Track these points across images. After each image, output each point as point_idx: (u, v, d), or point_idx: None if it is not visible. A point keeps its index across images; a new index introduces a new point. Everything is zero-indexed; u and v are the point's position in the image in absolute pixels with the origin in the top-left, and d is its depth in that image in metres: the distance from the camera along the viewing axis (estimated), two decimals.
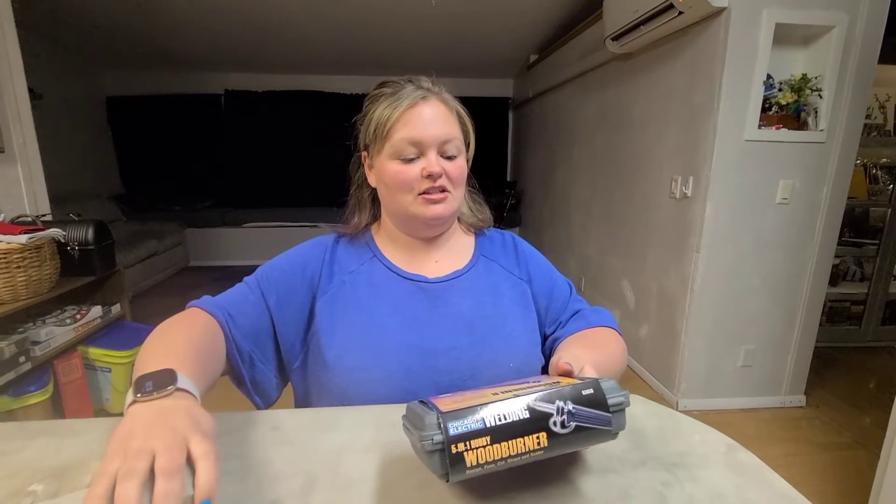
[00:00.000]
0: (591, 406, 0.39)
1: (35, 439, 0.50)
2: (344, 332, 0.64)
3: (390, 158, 0.65)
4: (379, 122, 0.66)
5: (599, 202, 2.84)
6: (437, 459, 0.35)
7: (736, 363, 2.00)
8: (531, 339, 0.70)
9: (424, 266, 0.71)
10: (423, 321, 0.66)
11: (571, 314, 0.73)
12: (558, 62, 3.43)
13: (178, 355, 0.48)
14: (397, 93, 0.65)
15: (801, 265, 1.93)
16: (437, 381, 0.63)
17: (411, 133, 0.63)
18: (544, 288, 0.74)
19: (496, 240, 0.78)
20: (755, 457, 0.47)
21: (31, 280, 1.39)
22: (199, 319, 0.60)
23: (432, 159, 0.63)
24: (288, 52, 4.00)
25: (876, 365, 2.51)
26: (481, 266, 0.73)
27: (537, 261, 0.77)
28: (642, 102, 2.31)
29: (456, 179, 0.66)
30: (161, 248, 3.89)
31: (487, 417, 0.37)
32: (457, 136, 0.66)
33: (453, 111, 0.68)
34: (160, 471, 0.32)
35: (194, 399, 0.42)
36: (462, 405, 0.38)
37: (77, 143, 4.08)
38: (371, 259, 0.71)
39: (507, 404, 0.38)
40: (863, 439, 1.83)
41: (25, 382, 1.40)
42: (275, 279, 0.67)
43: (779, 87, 1.80)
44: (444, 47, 3.85)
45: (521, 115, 4.85)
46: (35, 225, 1.48)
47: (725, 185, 1.81)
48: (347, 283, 0.68)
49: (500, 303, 0.69)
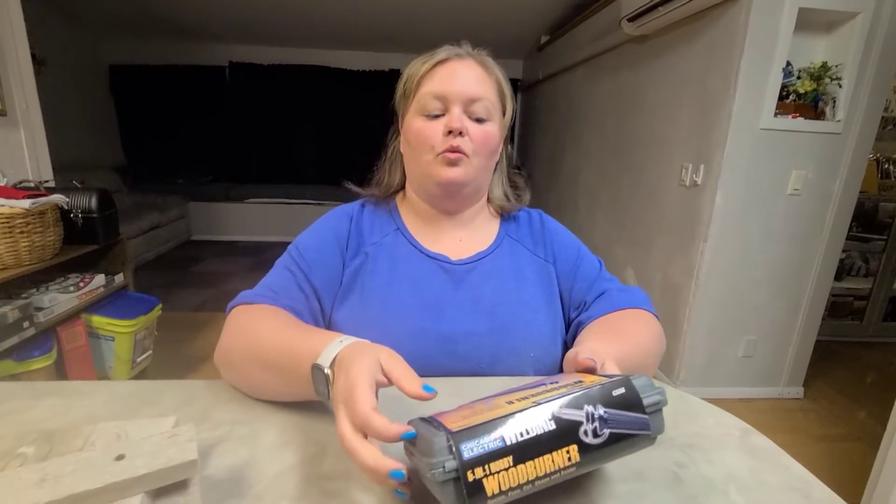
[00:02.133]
0: (624, 408, 0.34)
1: (42, 399, 0.50)
2: (361, 307, 0.63)
3: (416, 115, 0.63)
4: (408, 77, 0.64)
5: (607, 189, 2.81)
6: (452, 491, 0.30)
7: (736, 353, 2.01)
8: (554, 326, 0.66)
9: (447, 244, 0.68)
10: (444, 303, 0.63)
11: (597, 295, 0.68)
12: (570, 43, 3.35)
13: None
14: (433, 51, 0.63)
15: (808, 258, 1.92)
16: (454, 366, 0.61)
17: (437, 86, 0.61)
18: (569, 268, 0.70)
19: (522, 219, 0.74)
20: (771, 441, 0.47)
21: (35, 246, 1.38)
22: (275, 311, 0.55)
23: (455, 114, 0.60)
24: (294, 25, 3.92)
25: (875, 360, 2.52)
26: (506, 247, 0.70)
27: (564, 239, 0.73)
28: (656, 87, 2.27)
29: (479, 144, 0.61)
30: (164, 220, 3.88)
31: (507, 434, 0.31)
32: (488, 97, 0.62)
33: (492, 76, 0.64)
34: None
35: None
36: (474, 421, 0.32)
37: (80, 112, 4.03)
38: (395, 231, 0.69)
39: (529, 415, 0.32)
40: (858, 432, 1.84)
41: (29, 347, 1.40)
42: (312, 260, 0.63)
43: (798, 74, 1.76)
44: (453, 25, 3.76)
45: (530, 98, 4.77)
46: (38, 191, 1.47)
47: (737, 173, 1.78)
48: (370, 255, 0.66)
49: (524, 288, 0.67)
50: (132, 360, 1.71)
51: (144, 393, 0.52)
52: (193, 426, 0.38)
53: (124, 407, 0.49)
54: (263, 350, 0.47)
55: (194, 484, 0.36)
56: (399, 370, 0.37)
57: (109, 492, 0.32)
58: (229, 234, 4.60)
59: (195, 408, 0.49)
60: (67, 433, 0.39)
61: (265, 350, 0.47)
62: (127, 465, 0.33)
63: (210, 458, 0.42)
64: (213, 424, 0.47)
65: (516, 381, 0.58)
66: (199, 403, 0.50)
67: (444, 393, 0.55)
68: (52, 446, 0.37)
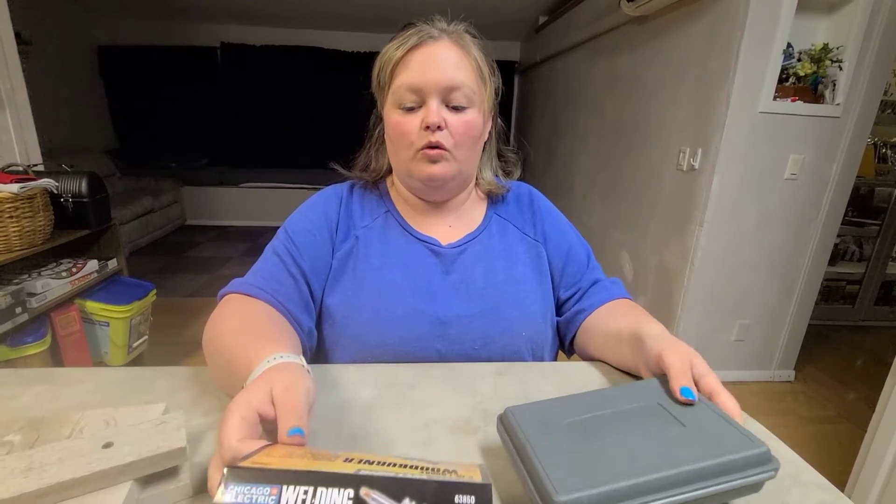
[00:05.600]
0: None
1: (31, 387, 0.50)
2: (354, 291, 0.62)
3: (392, 107, 0.60)
4: (381, 67, 0.61)
5: (604, 172, 2.79)
6: None
7: (729, 337, 2.02)
8: (545, 305, 0.66)
9: (437, 229, 0.67)
10: (435, 286, 0.63)
11: (591, 283, 0.67)
12: (569, 25, 3.29)
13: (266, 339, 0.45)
14: (405, 33, 0.58)
15: (802, 242, 1.92)
16: (447, 349, 0.61)
17: (411, 78, 0.57)
18: (560, 250, 0.69)
19: (510, 197, 0.72)
20: (761, 426, 0.47)
21: (25, 231, 1.36)
22: (252, 307, 0.54)
23: (432, 108, 0.57)
24: (287, 4, 3.82)
25: (865, 343, 2.55)
26: (494, 227, 0.69)
27: (554, 219, 0.71)
28: (655, 69, 2.23)
29: (459, 136, 0.59)
30: (157, 205, 3.84)
31: (288, 495, 0.25)
32: (467, 83, 0.58)
33: (470, 55, 0.59)
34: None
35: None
36: (270, 463, 0.27)
37: (69, 95, 3.95)
38: (385, 214, 0.68)
39: (331, 480, 0.25)
40: (847, 414, 1.87)
41: (23, 333, 1.40)
42: (301, 243, 0.62)
43: (798, 56, 1.74)
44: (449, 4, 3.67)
45: (528, 80, 4.70)
46: (27, 174, 1.44)
47: (735, 158, 1.77)
48: (361, 238, 0.65)
49: (514, 268, 0.66)
50: (128, 346, 1.71)
51: (134, 380, 0.52)
52: (182, 413, 0.38)
53: (114, 394, 0.49)
54: (218, 349, 0.47)
55: (184, 471, 0.36)
56: (282, 408, 0.34)
57: (97, 480, 0.32)
58: (224, 219, 4.56)
59: (186, 395, 0.49)
60: (55, 420, 0.39)
61: (219, 350, 0.47)
62: (114, 453, 0.33)
63: (200, 444, 0.41)
64: (203, 411, 0.46)
65: (508, 366, 0.59)
66: (189, 390, 0.50)
67: (438, 379, 0.55)
68: (40, 434, 0.37)
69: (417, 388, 0.53)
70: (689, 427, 0.36)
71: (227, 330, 0.48)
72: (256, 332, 0.47)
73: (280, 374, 0.37)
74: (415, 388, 0.53)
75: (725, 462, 0.32)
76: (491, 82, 0.63)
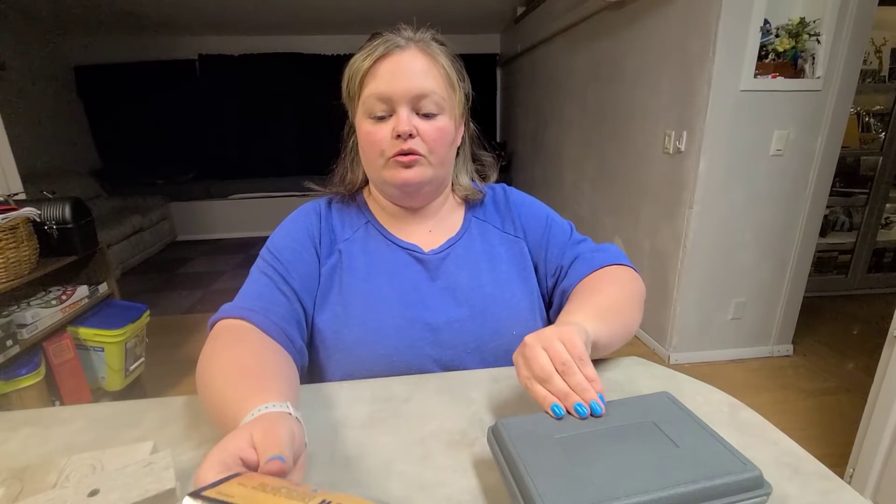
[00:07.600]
0: None
1: (18, 430, 0.49)
2: (342, 306, 0.62)
3: (363, 117, 0.60)
4: (350, 78, 0.61)
5: (592, 160, 2.79)
6: None
7: (726, 316, 2.03)
8: (532, 301, 0.67)
9: (418, 236, 0.67)
10: (423, 293, 0.63)
11: (571, 260, 0.66)
12: (547, 14, 3.28)
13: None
14: (372, 43, 0.59)
15: (792, 217, 1.93)
16: (440, 355, 0.61)
17: (380, 87, 0.57)
18: (539, 238, 0.69)
19: (487, 199, 0.73)
20: (759, 415, 0.47)
21: (10, 262, 1.34)
22: (243, 340, 0.52)
23: (403, 116, 0.57)
24: (262, 10, 3.78)
25: (860, 311, 2.57)
26: (474, 230, 0.70)
27: (529, 209, 0.72)
28: (635, 54, 2.23)
29: (432, 142, 0.59)
30: (146, 223, 3.80)
31: None
32: (436, 90, 0.58)
33: (438, 63, 0.60)
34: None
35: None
36: (228, 496, 0.27)
37: (48, 118, 3.90)
38: (365, 225, 0.68)
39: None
40: (847, 384, 1.89)
41: (16, 366, 1.38)
42: (288, 260, 0.61)
43: (776, 32, 1.73)
44: (427, 1, 3.65)
45: (510, 73, 4.69)
46: (7, 205, 1.42)
47: (719, 138, 1.77)
48: (344, 252, 0.65)
49: (498, 268, 0.67)
50: (125, 369, 1.69)
51: (124, 414, 0.51)
52: (171, 452, 0.37)
53: (104, 431, 0.48)
54: (208, 395, 0.45)
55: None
56: (262, 446, 0.33)
57: None
58: (215, 233, 4.53)
59: (177, 427, 0.48)
60: (40, 468, 0.38)
61: (209, 397, 0.45)
62: (101, 502, 0.32)
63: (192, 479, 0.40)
64: (195, 443, 0.46)
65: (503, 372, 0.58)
66: (180, 421, 0.49)
67: (432, 390, 0.54)
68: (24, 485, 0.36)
69: (412, 401, 0.52)
70: (683, 448, 0.36)
71: (216, 372, 0.46)
72: (245, 376, 0.44)
73: (261, 421, 0.36)
74: (410, 402, 0.52)
75: (717, 485, 0.32)
76: (460, 88, 0.63)
